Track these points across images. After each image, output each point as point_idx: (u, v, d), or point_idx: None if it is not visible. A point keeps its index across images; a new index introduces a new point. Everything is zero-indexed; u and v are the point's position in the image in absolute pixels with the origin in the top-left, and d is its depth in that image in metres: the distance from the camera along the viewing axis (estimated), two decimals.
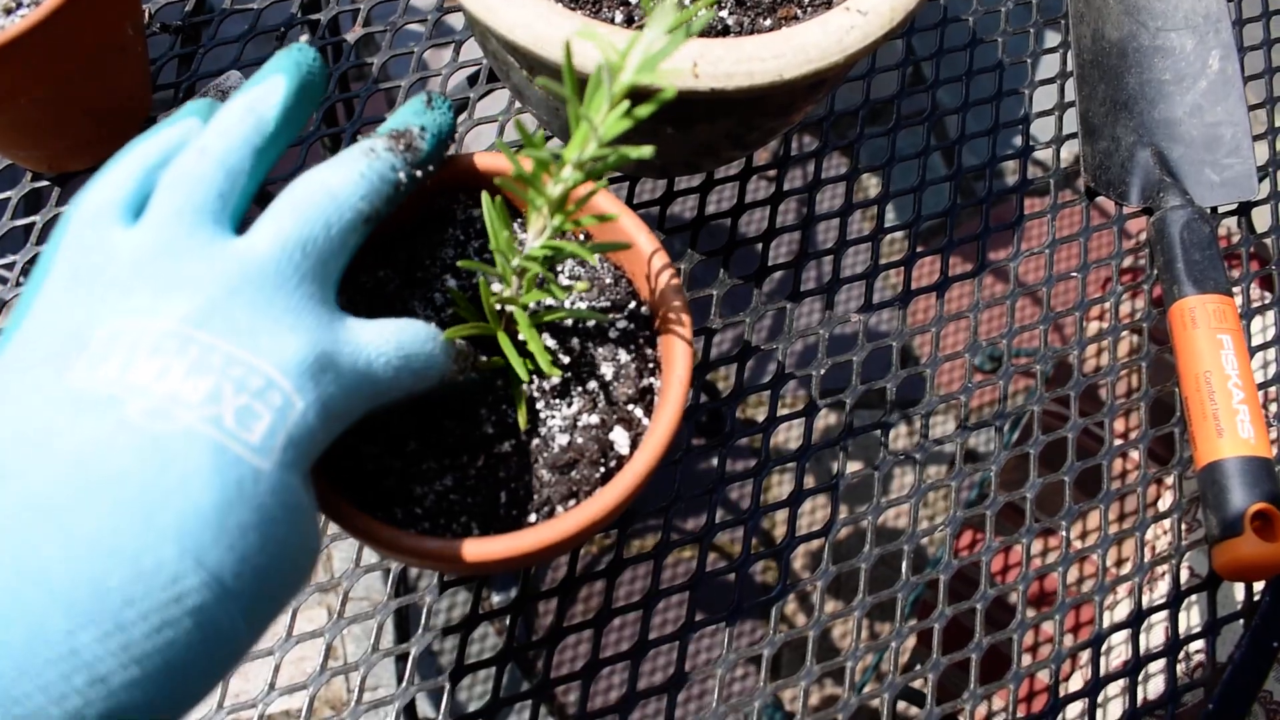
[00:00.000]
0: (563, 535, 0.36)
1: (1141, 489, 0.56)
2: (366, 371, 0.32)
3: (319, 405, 0.30)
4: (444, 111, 0.38)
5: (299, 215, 0.32)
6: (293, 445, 0.28)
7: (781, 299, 0.57)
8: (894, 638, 0.51)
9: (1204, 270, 0.57)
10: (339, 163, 0.34)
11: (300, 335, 0.30)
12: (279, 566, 0.28)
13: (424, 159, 0.36)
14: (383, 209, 0.34)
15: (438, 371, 0.35)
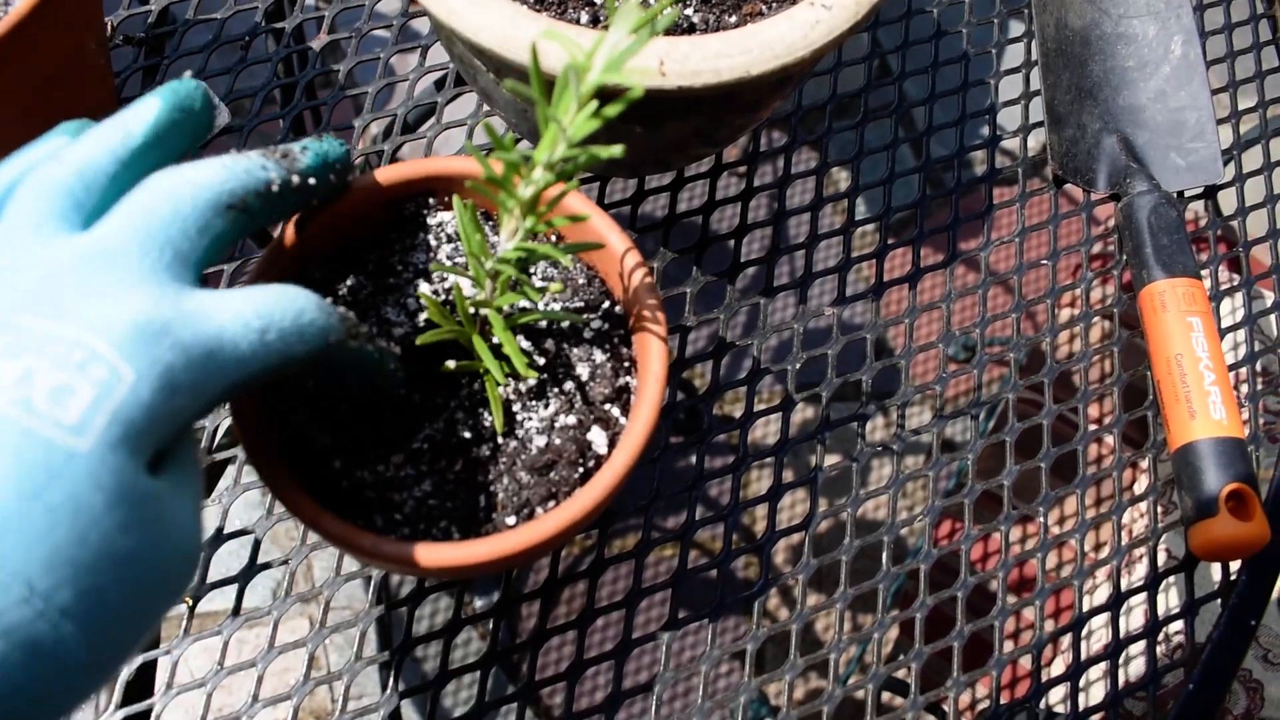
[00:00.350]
0: (544, 536, 0.36)
1: (1117, 473, 0.57)
2: (218, 338, 0.29)
3: (155, 376, 0.27)
4: (332, 142, 0.37)
5: (147, 195, 0.31)
6: (120, 421, 0.26)
7: (755, 295, 0.57)
8: (876, 628, 0.51)
9: (1172, 254, 0.57)
10: (203, 160, 0.33)
11: (132, 303, 0.28)
12: (111, 561, 0.25)
13: (305, 169, 0.36)
14: (253, 200, 0.33)
15: (318, 332, 0.32)
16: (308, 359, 0.32)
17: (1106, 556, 0.55)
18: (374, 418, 0.39)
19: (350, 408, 0.39)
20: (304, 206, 0.37)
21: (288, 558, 0.50)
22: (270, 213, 0.34)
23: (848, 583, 0.52)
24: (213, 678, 0.47)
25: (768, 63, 0.42)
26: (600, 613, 0.50)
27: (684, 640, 1.21)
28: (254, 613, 0.49)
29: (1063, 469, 0.56)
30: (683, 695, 1.18)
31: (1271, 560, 0.55)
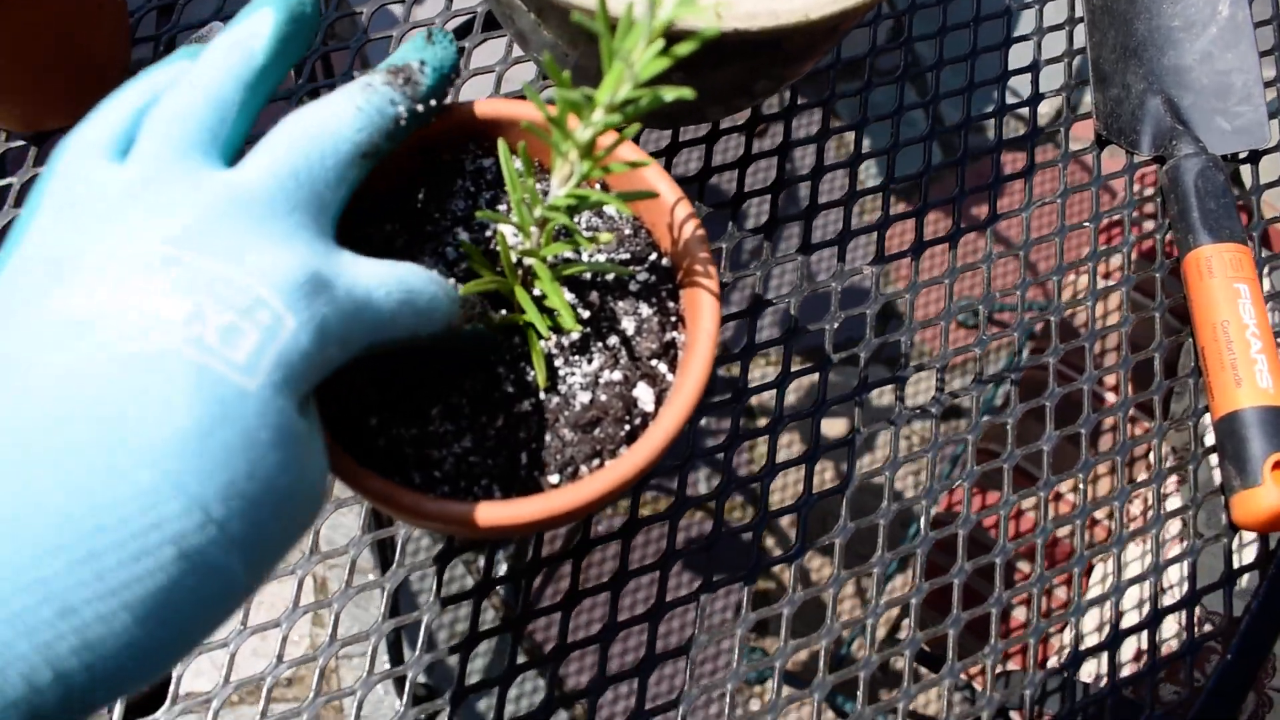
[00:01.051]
0: (594, 495, 0.35)
1: (1158, 440, 0.56)
2: (365, 300, 0.30)
3: (313, 326, 0.28)
4: (445, 46, 0.36)
5: (292, 145, 0.31)
6: (283, 365, 0.27)
7: (792, 252, 0.55)
8: (914, 594, 0.50)
9: (1219, 219, 0.56)
10: (335, 96, 0.33)
11: (293, 255, 0.28)
12: (272, 496, 0.26)
13: (425, 93, 0.35)
14: (383, 144, 0.33)
15: (442, 315, 0.33)
16: (422, 340, 0.33)
17: (1144, 526, 0.54)
18: (413, 373, 0.37)
19: (389, 365, 0.37)
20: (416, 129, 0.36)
21: None
22: (390, 149, 0.34)
23: (885, 547, 0.51)
24: (235, 638, 0.46)
25: (826, 6, 0.40)
26: (632, 575, 0.49)
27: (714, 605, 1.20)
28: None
29: (1097, 438, 0.55)
30: (713, 659, 1.18)
31: None
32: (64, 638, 0.22)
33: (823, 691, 0.49)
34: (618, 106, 0.30)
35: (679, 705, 0.47)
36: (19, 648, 0.21)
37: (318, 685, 0.46)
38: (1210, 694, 0.51)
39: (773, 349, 0.54)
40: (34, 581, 0.22)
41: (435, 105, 0.35)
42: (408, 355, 0.37)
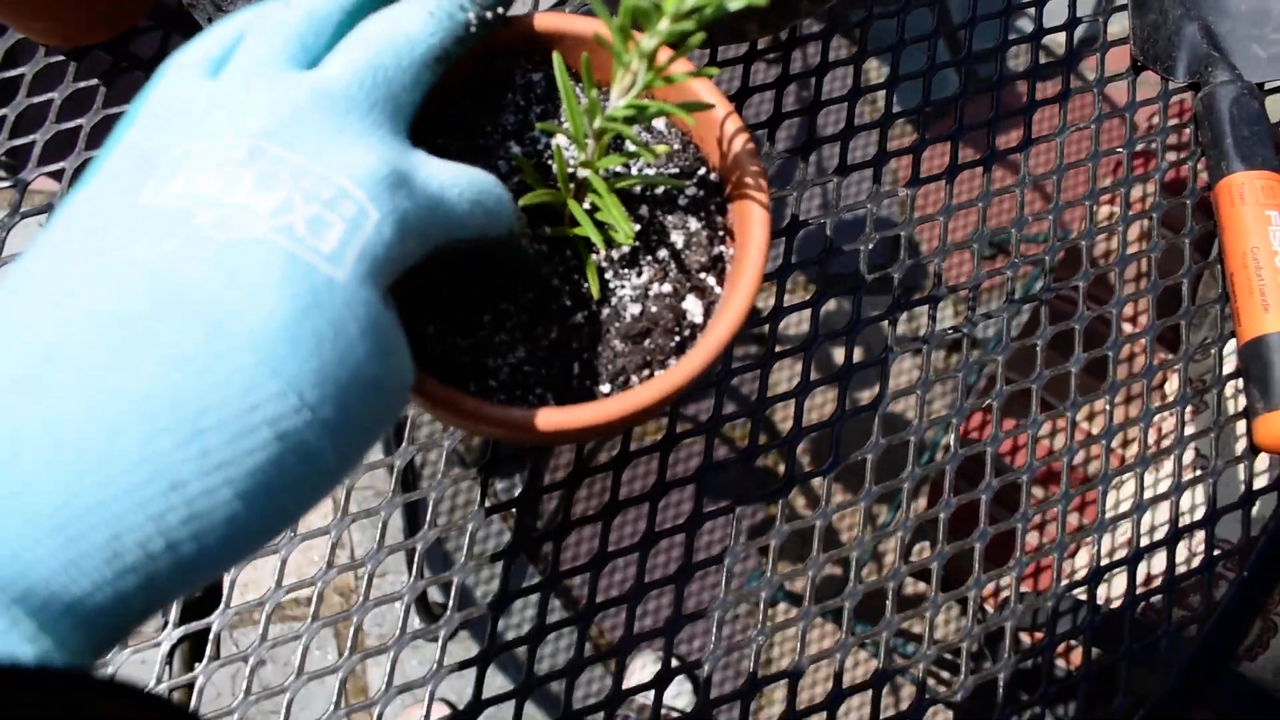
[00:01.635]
0: (647, 402, 0.36)
1: (1184, 364, 0.57)
2: (441, 197, 0.31)
3: (395, 219, 0.29)
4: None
5: (370, 46, 0.32)
6: (368, 256, 0.27)
7: (831, 174, 0.56)
8: (902, 527, 0.52)
9: (1252, 146, 0.56)
10: (409, 3, 0.34)
11: (373, 151, 0.29)
12: (361, 384, 0.27)
13: (490, 1, 0.36)
14: (452, 48, 0.34)
15: (507, 218, 0.34)
16: (486, 241, 0.34)
17: (1170, 445, 0.55)
18: (470, 285, 0.38)
19: (447, 274, 0.38)
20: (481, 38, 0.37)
21: None
22: (459, 55, 0.35)
23: (872, 480, 0.52)
24: (285, 544, 0.47)
25: None
26: (625, 505, 0.50)
27: (711, 535, 1.23)
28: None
29: (1096, 369, 0.56)
30: (711, 586, 1.20)
31: None
32: (174, 509, 0.23)
33: (854, 600, 0.50)
34: (685, 14, 0.31)
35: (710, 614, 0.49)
36: (134, 518, 0.23)
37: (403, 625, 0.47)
38: (1224, 611, 0.53)
39: (800, 274, 0.54)
40: (145, 458, 0.23)
41: (501, 13, 0.36)
42: (466, 267, 0.38)
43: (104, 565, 0.23)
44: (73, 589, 0.22)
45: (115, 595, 0.23)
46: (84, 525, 0.22)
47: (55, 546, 0.22)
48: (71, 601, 0.22)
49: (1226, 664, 0.52)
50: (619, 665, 0.49)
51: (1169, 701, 0.51)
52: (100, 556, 0.23)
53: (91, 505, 0.22)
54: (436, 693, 0.46)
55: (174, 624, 0.47)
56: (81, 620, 0.23)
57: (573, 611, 1.20)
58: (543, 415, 0.35)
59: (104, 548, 0.23)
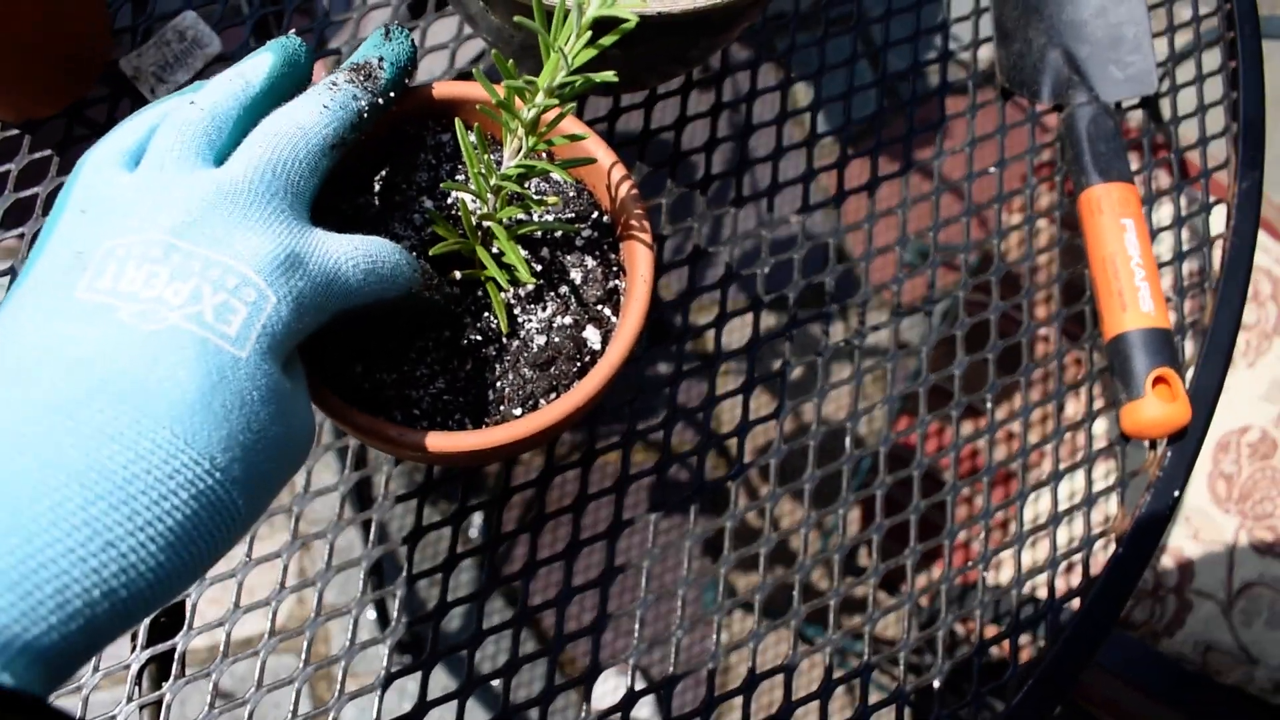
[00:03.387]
0: (550, 422, 0.41)
1: (1058, 361, 0.62)
2: (335, 272, 0.36)
3: (291, 299, 0.34)
4: (401, 41, 0.42)
5: (268, 143, 0.36)
6: (268, 334, 0.33)
7: (725, 205, 0.61)
8: (841, 504, 0.57)
9: (1108, 161, 0.62)
10: (304, 98, 0.39)
11: (271, 238, 0.34)
12: (265, 443, 0.32)
13: (385, 87, 0.41)
14: (348, 135, 0.39)
15: (405, 281, 0.39)
16: (387, 304, 0.39)
17: (1048, 436, 0.61)
18: (392, 327, 0.43)
19: (370, 321, 0.43)
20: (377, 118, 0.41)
21: None
22: (355, 139, 0.39)
23: (815, 464, 0.57)
24: (241, 569, 0.52)
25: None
26: (591, 498, 0.55)
27: (668, 534, 1.27)
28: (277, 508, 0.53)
29: (1010, 362, 0.62)
30: (659, 575, 1.25)
31: (1192, 438, 0.61)
32: (110, 564, 0.28)
33: (798, 619, 0.55)
34: (556, 89, 0.36)
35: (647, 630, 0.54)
36: (77, 572, 0.27)
37: (351, 637, 0.52)
38: (1103, 585, 0.58)
39: (712, 293, 0.59)
40: (85, 521, 0.28)
41: (393, 96, 0.41)
42: (386, 313, 0.43)
43: (53, 613, 0.27)
44: (26, 635, 0.26)
45: (62, 637, 0.27)
46: (37, 580, 0.26)
47: (13, 599, 0.26)
48: (26, 643, 0.26)
49: (1108, 633, 0.58)
50: (587, 689, 0.53)
51: (1055, 668, 0.56)
52: (50, 605, 0.27)
53: (43, 562, 0.27)
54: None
55: (142, 645, 0.51)
56: (35, 658, 0.27)
57: (514, 610, 1.24)
58: (456, 438, 0.40)
59: (53, 598, 0.27)
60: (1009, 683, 0.56)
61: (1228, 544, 0.98)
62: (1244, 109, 0.69)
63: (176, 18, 0.61)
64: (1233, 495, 0.99)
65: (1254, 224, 0.67)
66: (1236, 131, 0.68)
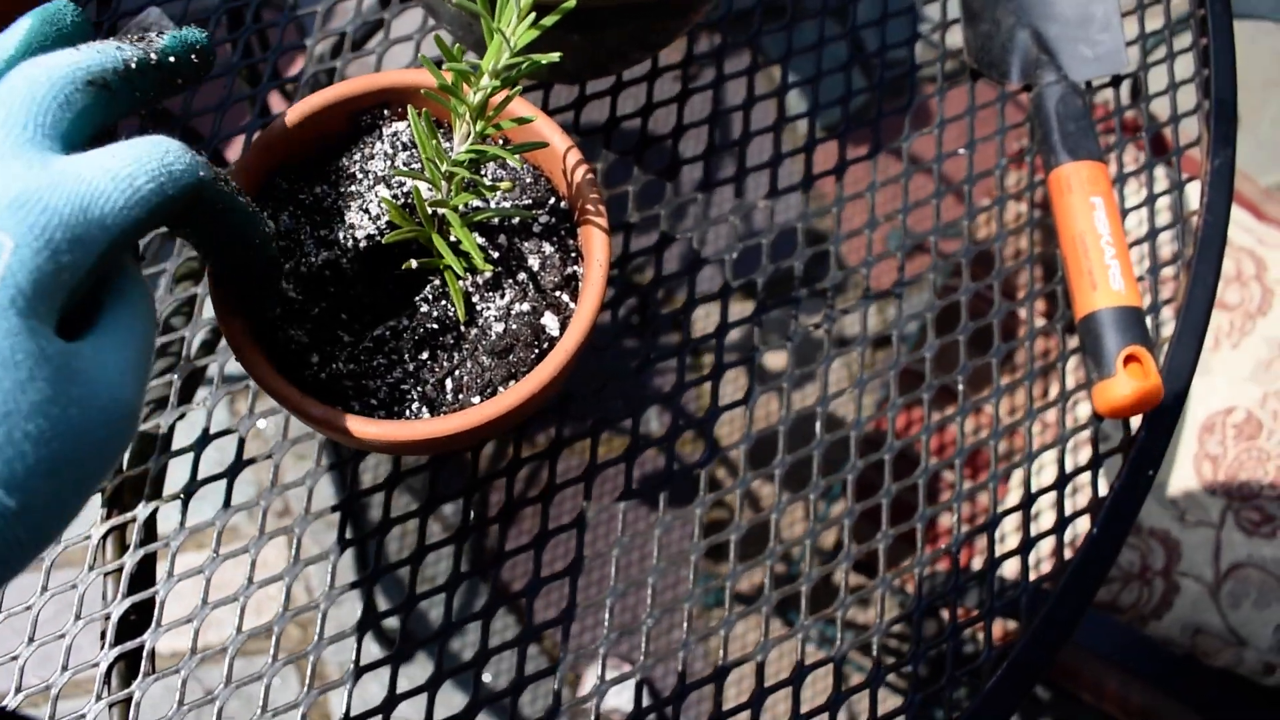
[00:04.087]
0: (507, 409, 0.40)
1: (1029, 342, 0.62)
2: (89, 194, 0.31)
3: (34, 240, 0.29)
4: (192, 29, 0.39)
5: (4, 84, 0.33)
6: (9, 286, 0.28)
7: (693, 191, 0.61)
8: (812, 489, 0.57)
9: (1077, 140, 0.62)
10: (60, 50, 0.35)
11: (2, 179, 0.30)
12: (21, 421, 0.27)
13: (162, 49, 0.37)
14: (111, 79, 0.35)
15: (185, 174, 0.33)
16: (180, 201, 0.33)
17: (1019, 419, 0.61)
18: (346, 315, 0.43)
19: (324, 307, 0.43)
20: (169, 88, 0.38)
21: (271, 452, 0.54)
22: (134, 91, 0.36)
23: (785, 450, 0.57)
24: (209, 565, 0.52)
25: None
26: (560, 488, 0.55)
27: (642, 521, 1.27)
28: (246, 503, 0.53)
29: (982, 344, 0.61)
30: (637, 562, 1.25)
31: (1167, 417, 0.60)
32: None
33: (769, 606, 0.55)
34: (501, 73, 0.36)
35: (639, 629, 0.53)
36: None
37: (285, 602, 0.52)
38: (1078, 566, 0.58)
39: (683, 279, 0.59)
40: None
41: (179, 63, 0.38)
42: (344, 301, 0.43)
43: None
44: None
45: None
46: None
47: None
48: None
49: (1083, 614, 0.58)
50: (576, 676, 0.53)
51: (1031, 650, 0.56)
52: None
53: None
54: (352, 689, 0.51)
55: (110, 644, 0.51)
56: None
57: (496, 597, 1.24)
58: (412, 427, 0.40)
59: None
60: (984, 665, 0.56)
61: (1214, 526, 0.98)
62: (1215, 86, 0.68)
63: (141, 14, 0.61)
64: (1219, 477, 0.98)
65: (1227, 201, 0.66)
66: (1208, 109, 0.68)
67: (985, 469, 0.87)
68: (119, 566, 0.52)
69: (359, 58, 0.62)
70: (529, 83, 0.60)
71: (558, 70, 0.56)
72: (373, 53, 0.62)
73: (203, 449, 0.54)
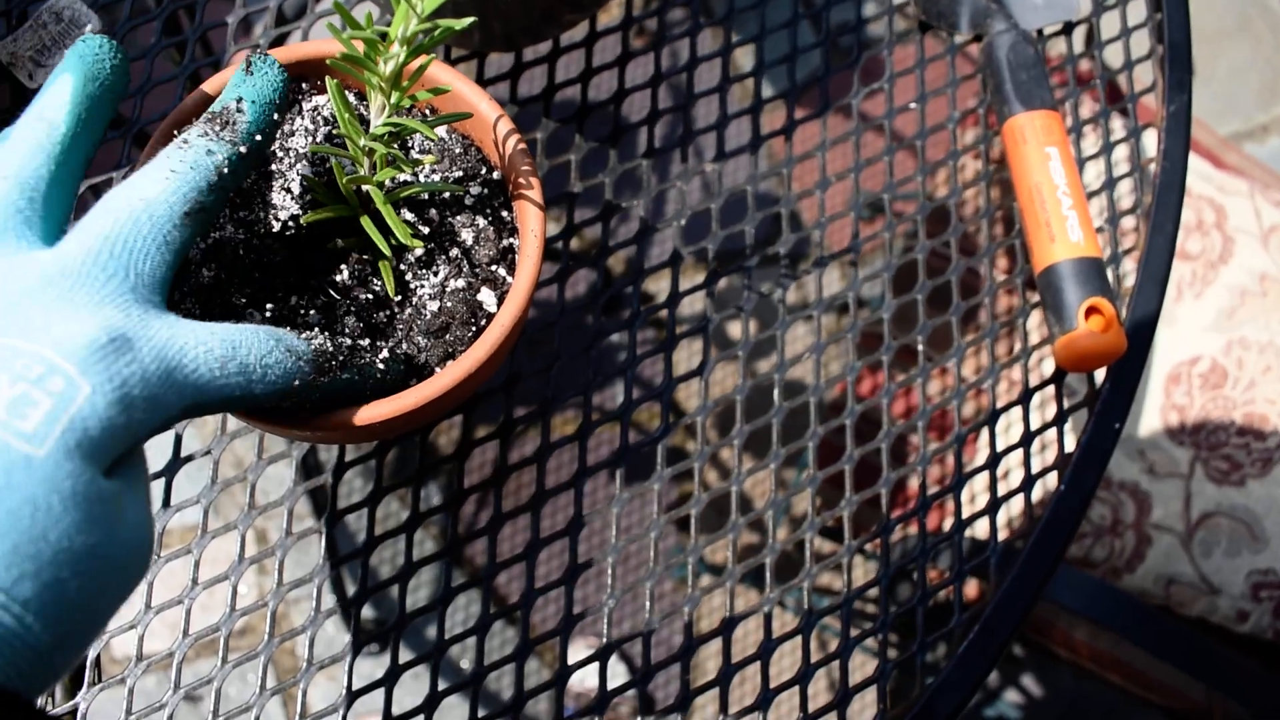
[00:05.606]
0: (441, 390, 0.38)
1: (989, 299, 0.61)
2: (178, 360, 0.31)
3: (111, 390, 0.29)
4: (265, 73, 0.37)
5: (107, 217, 0.32)
6: (77, 429, 0.28)
7: (637, 158, 0.59)
8: (773, 458, 0.55)
9: (1030, 89, 0.60)
10: (154, 163, 0.34)
11: (94, 320, 0.30)
12: (69, 556, 0.27)
13: (248, 132, 0.36)
14: (205, 198, 0.34)
15: (282, 374, 0.34)
16: (270, 397, 0.34)
17: (982, 378, 0.59)
18: (272, 301, 0.41)
19: (248, 293, 0.41)
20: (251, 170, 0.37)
21: (210, 448, 0.52)
22: (224, 195, 0.35)
23: (743, 420, 0.55)
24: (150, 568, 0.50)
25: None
26: (550, 494, 0.53)
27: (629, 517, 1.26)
28: (185, 502, 0.51)
29: (941, 302, 0.60)
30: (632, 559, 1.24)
31: (1131, 368, 0.59)
32: None
33: (733, 580, 0.53)
34: (410, 40, 0.34)
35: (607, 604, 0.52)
36: None
37: (271, 629, 0.50)
38: (1046, 523, 0.57)
39: (632, 248, 0.57)
40: None
41: (264, 140, 0.37)
42: (269, 286, 0.41)
43: None
44: None
45: None
46: None
47: None
48: None
49: (1053, 571, 0.57)
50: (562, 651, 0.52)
51: (1002, 610, 0.55)
52: None
53: None
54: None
55: None
56: None
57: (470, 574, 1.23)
58: (343, 415, 0.38)
59: None
60: (955, 628, 0.55)
61: (1183, 476, 0.97)
62: (1168, 31, 0.67)
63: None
64: (1186, 427, 0.98)
65: (1184, 147, 0.65)
66: (1162, 54, 0.67)
67: (951, 430, 0.86)
68: None
69: (291, 29, 0.60)
70: (462, 53, 0.58)
71: (489, 38, 0.54)
72: (299, 27, 0.59)
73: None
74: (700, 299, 0.58)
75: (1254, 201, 1.05)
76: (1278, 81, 1.72)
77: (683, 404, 1.27)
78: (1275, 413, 0.98)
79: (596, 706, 0.50)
